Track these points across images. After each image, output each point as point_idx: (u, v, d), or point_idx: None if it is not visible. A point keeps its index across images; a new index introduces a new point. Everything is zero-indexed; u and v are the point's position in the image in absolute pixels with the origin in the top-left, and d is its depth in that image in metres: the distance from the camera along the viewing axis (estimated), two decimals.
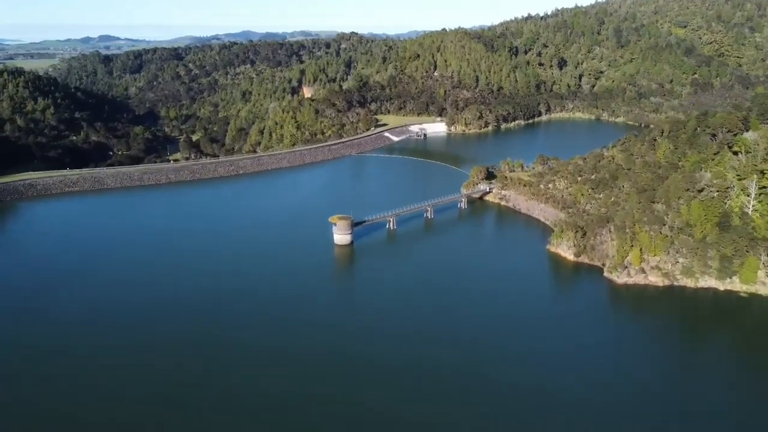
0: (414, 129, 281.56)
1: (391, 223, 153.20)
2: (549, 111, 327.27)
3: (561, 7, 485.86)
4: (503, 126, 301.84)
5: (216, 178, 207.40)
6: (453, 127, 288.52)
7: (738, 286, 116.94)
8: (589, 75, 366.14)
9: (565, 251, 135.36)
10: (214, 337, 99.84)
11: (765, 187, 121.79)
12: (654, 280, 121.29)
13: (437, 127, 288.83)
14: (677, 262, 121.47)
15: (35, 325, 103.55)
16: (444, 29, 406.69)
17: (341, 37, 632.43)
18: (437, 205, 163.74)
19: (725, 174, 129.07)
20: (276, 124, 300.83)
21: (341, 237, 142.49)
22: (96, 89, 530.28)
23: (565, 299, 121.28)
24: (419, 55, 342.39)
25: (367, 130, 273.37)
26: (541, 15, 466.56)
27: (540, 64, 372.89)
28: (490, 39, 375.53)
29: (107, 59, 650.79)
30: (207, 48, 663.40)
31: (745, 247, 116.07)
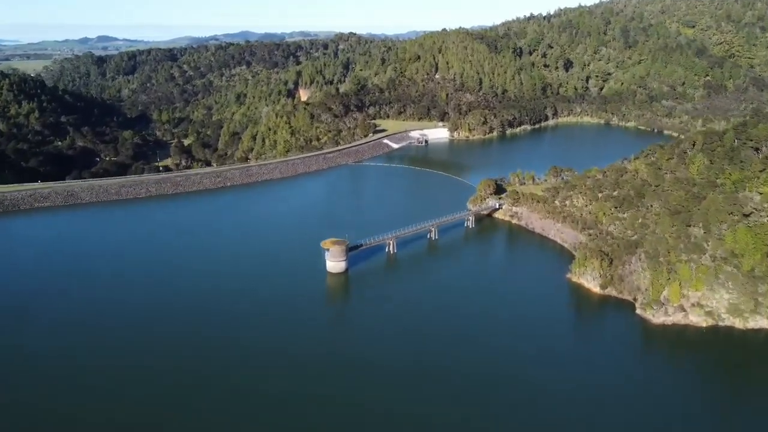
0: (415, 135, 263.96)
1: (391, 246, 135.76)
2: (556, 115, 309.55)
3: (564, 7, 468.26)
4: (509, 131, 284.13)
5: (201, 190, 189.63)
6: (456, 133, 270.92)
7: None
8: (597, 77, 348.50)
9: (589, 282, 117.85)
10: (190, 378, 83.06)
11: None
12: (695, 319, 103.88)
13: (439, 133, 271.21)
14: (722, 298, 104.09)
15: None
16: (444, 29, 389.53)
17: (339, 38, 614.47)
18: (442, 225, 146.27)
19: None
20: (269, 129, 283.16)
21: (335, 264, 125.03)
22: (88, 91, 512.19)
23: (591, 340, 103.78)
24: (420, 57, 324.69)
25: (365, 136, 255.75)
26: (544, 15, 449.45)
27: (545, 65, 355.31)
28: (493, 39, 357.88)
29: (101, 60, 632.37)
30: (203, 49, 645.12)
31: None
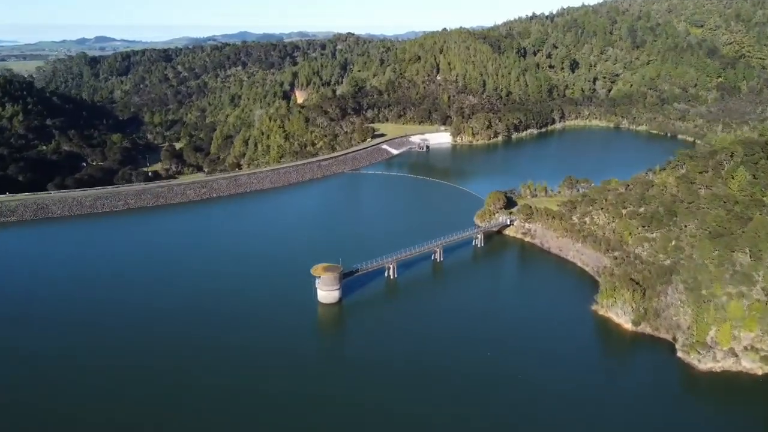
0: (415, 140, 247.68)
1: (391, 271, 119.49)
2: (563, 118, 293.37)
3: (567, 6, 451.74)
4: (514, 136, 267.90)
5: (185, 202, 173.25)
6: (459, 138, 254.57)
7: None
8: (604, 78, 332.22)
9: (619, 316, 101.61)
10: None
11: None
12: (749, 365, 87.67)
13: (441, 138, 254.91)
14: None
15: None
16: (445, 29, 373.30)
17: (337, 38, 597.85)
18: (448, 244, 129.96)
19: None
20: (262, 133, 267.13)
21: (327, 294, 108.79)
22: (80, 93, 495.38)
23: (624, 386, 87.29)
24: (420, 57, 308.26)
25: (363, 141, 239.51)
26: (546, 14, 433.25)
27: (550, 66, 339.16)
28: (496, 39, 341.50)
29: (94, 61, 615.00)
30: (198, 49, 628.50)
31: None
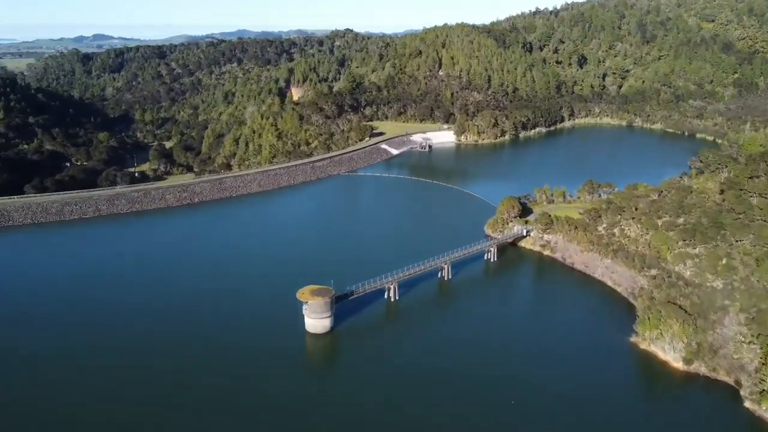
0: (417, 139, 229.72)
1: (392, 291, 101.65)
2: (573, 116, 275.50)
3: (572, 1, 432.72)
4: (522, 134, 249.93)
5: (163, 208, 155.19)
6: (463, 137, 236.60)
7: None
8: (614, 74, 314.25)
9: (666, 352, 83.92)
10: None
11: None
12: None
13: (444, 137, 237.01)
14: None
15: None
16: (446, 24, 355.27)
17: (335, 35, 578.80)
18: (457, 259, 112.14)
19: None
20: (254, 132, 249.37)
21: (316, 322, 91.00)
22: (67, 90, 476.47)
23: None
24: (421, 52, 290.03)
25: (361, 140, 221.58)
26: (551, 9, 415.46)
27: (557, 61, 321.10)
28: (500, 34, 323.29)
29: (87, 58, 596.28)
30: (193, 46, 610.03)
31: None
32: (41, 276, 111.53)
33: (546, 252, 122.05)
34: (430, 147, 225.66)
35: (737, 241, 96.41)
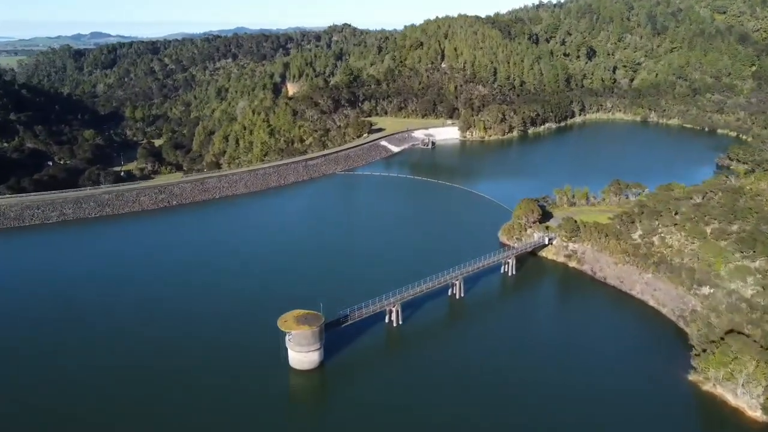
0: (418, 136, 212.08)
1: (394, 314, 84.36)
2: (583, 111, 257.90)
3: None
4: (531, 130, 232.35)
5: (136, 212, 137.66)
6: (468, 133, 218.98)
7: None
8: (625, 67, 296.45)
9: (738, 396, 66.71)
10: None
11: None
12: None
13: (448, 133, 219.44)
14: None
15: None
16: (447, 16, 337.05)
17: (333, 30, 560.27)
18: (470, 273, 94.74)
19: None
20: (244, 128, 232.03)
21: (302, 356, 73.80)
22: (54, 86, 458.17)
23: None
24: (422, 44, 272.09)
25: (359, 136, 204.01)
26: (554, 1, 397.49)
27: (565, 54, 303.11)
28: (505, 25, 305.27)
29: (78, 54, 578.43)
30: (188, 41, 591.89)
31: None
32: None
33: (572, 263, 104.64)
34: (433, 144, 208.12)
35: None
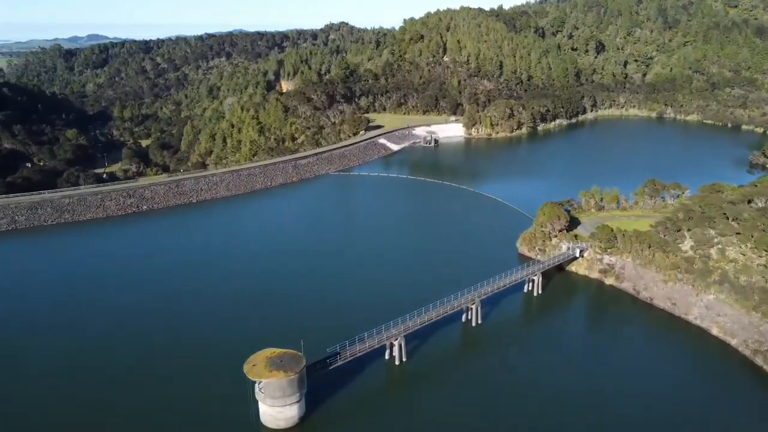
0: (420, 133, 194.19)
1: (396, 349, 66.32)
2: (595, 107, 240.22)
3: None
4: (541, 127, 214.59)
5: (100, 219, 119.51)
6: (474, 130, 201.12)
7: None
8: (637, 61, 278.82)
9: None
10: None
11: None
12: None
13: (452, 130, 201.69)
14: None
15: None
16: (449, 9, 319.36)
17: (329, 28, 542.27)
18: (488, 295, 76.62)
19: None
20: (232, 126, 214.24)
21: (276, 411, 55.75)
22: (39, 86, 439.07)
23: None
24: (423, 37, 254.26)
25: (355, 134, 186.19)
26: None
27: (573, 48, 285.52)
28: (510, 18, 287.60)
29: (69, 54, 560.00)
30: (181, 40, 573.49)
31: None
32: None
33: (609, 280, 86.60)
34: (435, 142, 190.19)
35: None
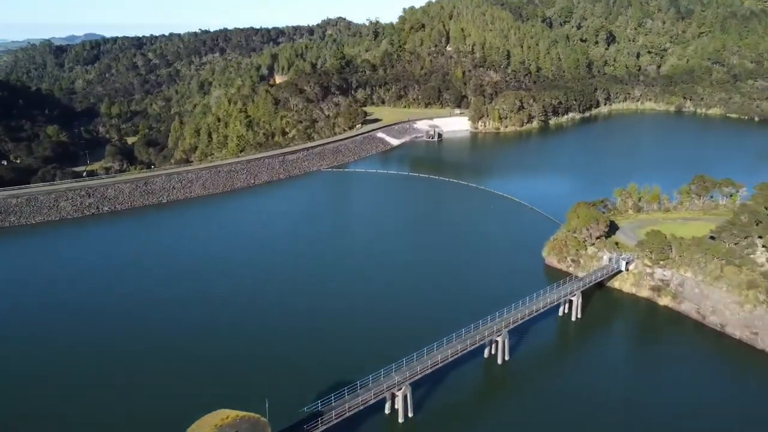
0: (422, 127, 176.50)
1: (400, 401, 48.42)
2: (609, 100, 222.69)
3: None
4: (553, 120, 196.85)
5: (52, 221, 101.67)
6: (481, 123, 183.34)
7: None
8: (650, 53, 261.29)
9: None
10: None
11: None
12: None
13: (456, 124, 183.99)
14: None
15: None
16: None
17: (326, 23, 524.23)
18: (517, 323, 58.73)
19: None
20: (219, 120, 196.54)
21: None
22: (24, 81, 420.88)
23: None
24: (424, 26, 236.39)
25: (350, 128, 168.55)
26: None
27: (582, 39, 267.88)
28: (516, 6, 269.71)
29: (60, 50, 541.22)
30: (174, 36, 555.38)
31: None
32: None
33: (663, 300, 68.89)
34: (439, 136, 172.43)
35: None
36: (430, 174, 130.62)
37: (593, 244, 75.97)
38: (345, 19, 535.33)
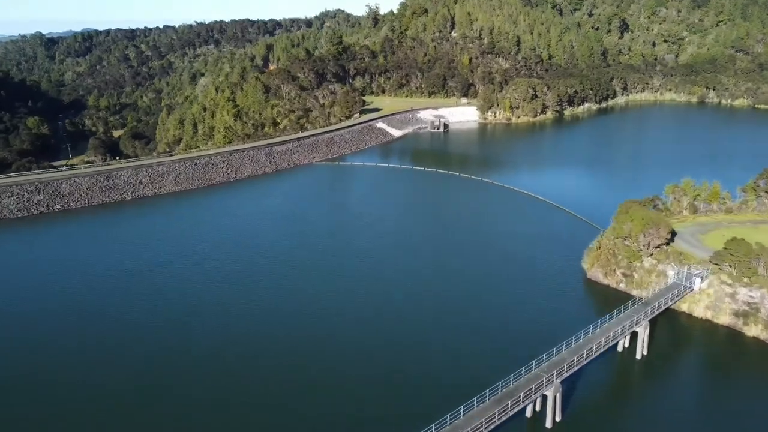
0: (426, 117, 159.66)
1: None
2: (626, 90, 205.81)
3: None
4: (568, 111, 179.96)
5: None
6: (490, 113, 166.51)
7: None
8: (667, 41, 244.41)
9: None
10: None
11: None
12: None
13: (463, 114, 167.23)
14: None
15: None
16: None
17: (325, 15, 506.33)
18: (572, 370, 42.03)
19: None
20: (204, 110, 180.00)
21: None
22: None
23: None
24: (427, 10, 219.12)
25: (348, 117, 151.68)
26: None
27: (594, 27, 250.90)
28: None
29: (51, 42, 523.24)
30: (169, 28, 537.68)
31: None
32: None
33: (751, 330, 52.19)
34: (445, 127, 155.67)
35: None
36: (437, 168, 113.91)
37: (651, 254, 59.30)
38: (344, 11, 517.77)
